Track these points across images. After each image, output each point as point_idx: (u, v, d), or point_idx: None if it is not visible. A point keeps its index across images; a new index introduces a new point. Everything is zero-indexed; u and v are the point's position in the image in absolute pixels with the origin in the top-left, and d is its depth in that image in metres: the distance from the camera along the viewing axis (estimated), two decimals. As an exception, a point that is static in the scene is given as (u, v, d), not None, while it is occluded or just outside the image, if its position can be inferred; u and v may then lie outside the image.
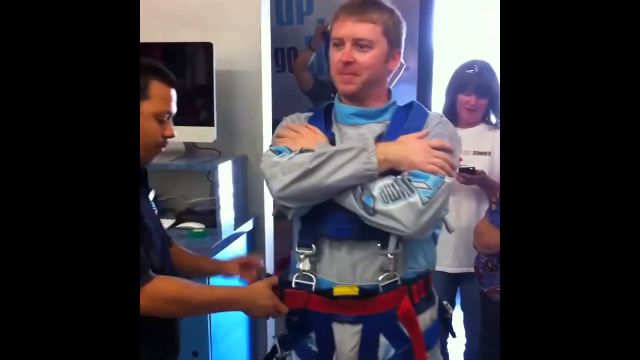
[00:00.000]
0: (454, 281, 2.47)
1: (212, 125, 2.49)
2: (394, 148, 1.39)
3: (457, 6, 4.23)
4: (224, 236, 2.41)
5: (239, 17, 2.61)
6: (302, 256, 1.45)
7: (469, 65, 2.42)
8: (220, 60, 2.51)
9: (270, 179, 1.41)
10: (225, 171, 2.49)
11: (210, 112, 2.49)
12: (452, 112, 2.39)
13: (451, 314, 1.59)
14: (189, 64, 2.55)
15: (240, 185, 2.65)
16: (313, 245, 1.44)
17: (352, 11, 1.43)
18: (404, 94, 2.49)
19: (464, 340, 2.61)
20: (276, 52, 3.96)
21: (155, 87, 1.44)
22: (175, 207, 2.69)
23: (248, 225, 2.65)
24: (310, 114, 1.57)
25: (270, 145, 1.51)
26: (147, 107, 1.41)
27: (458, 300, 2.58)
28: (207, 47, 2.45)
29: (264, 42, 2.65)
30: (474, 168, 2.28)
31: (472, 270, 2.32)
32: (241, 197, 2.67)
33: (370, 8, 1.43)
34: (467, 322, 2.58)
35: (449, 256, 2.41)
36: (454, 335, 1.59)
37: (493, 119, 2.43)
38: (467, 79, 2.37)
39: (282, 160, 1.40)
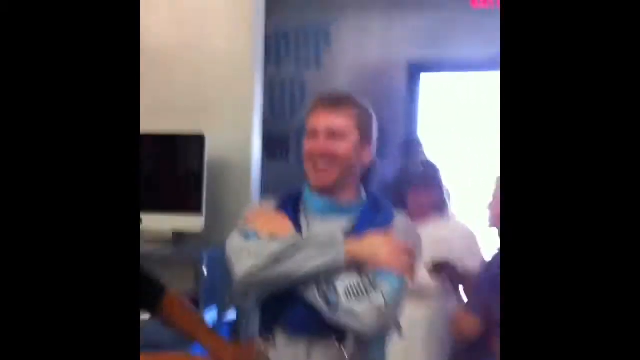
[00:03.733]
0: None
1: (201, 214, 2.52)
2: (361, 245, 1.40)
3: (441, 97, 4.39)
4: (207, 326, 2.38)
5: (231, 108, 2.68)
6: (262, 344, 1.45)
7: (413, 163, 2.55)
8: (211, 150, 2.57)
9: (236, 263, 1.41)
10: (212, 260, 2.50)
11: (199, 201, 2.53)
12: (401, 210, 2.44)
13: None
14: (181, 154, 2.61)
15: (227, 274, 2.64)
16: (271, 336, 1.44)
17: (327, 104, 1.48)
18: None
19: None
20: (268, 142, 4.05)
21: None
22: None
23: (232, 315, 2.63)
24: (279, 200, 1.56)
25: (238, 227, 1.49)
26: None
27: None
28: (199, 139, 2.51)
29: (255, 133, 2.73)
30: (446, 260, 2.27)
31: None
32: (227, 287, 2.66)
33: (344, 102, 1.49)
34: None
35: (421, 355, 2.33)
36: None
37: (445, 209, 2.45)
38: (414, 178, 2.42)
39: (250, 245, 1.41)
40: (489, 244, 2.52)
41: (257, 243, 1.40)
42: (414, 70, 4.27)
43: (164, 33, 2.72)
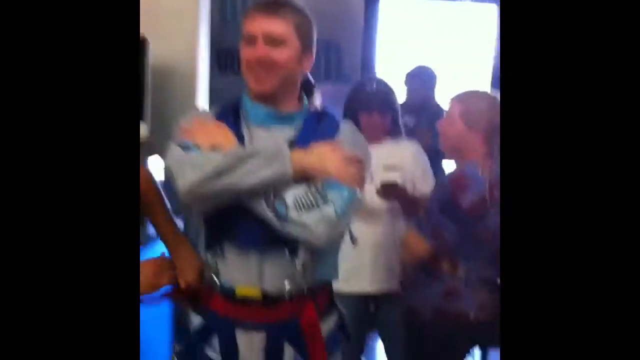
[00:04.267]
0: (367, 303, 2.37)
1: (144, 121, 2.45)
2: (309, 156, 1.36)
3: (400, 18, 4.31)
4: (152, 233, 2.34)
5: (176, 13, 2.58)
6: (209, 256, 1.43)
7: (366, 82, 2.40)
8: (155, 57, 2.46)
9: (178, 177, 1.33)
10: (155, 165, 2.45)
11: (141, 108, 2.45)
12: None
13: (345, 319, 1.58)
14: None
15: (170, 186, 2.61)
16: (220, 249, 1.41)
17: (264, 7, 1.41)
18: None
19: None
20: (219, 53, 3.92)
21: None
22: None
23: (179, 222, 2.59)
24: (218, 109, 1.50)
25: (174, 139, 1.41)
26: None
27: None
28: (141, 43, 2.40)
29: (201, 41, 2.63)
30: (395, 182, 2.23)
31: (390, 290, 2.27)
32: (172, 197, 2.62)
33: (282, 6, 1.42)
34: (389, 351, 2.45)
35: (365, 278, 2.30)
36: (348, 339, 1.60)
37: (397, 133, 2.38)
38: (367, 98, 2.31)
39: (192, 158, 1.34)
40: (440, 167, 2.51)
41: (199, 155, 1.34)
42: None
43: None
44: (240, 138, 1.42)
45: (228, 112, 1.48)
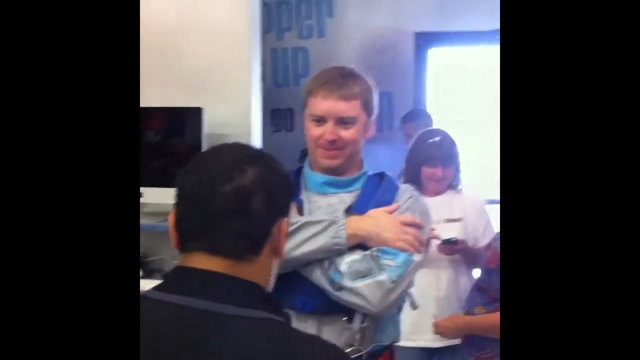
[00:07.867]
0: (430, 356, 2.36)
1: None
2: (364, 223, 1.37)
3: (450, 69, 4.34)
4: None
5: (229, 81, 2.66)
6: None
7: (429, 135, 2.39)
8: (211, 123, 2.55)
9: None
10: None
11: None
12: (416, 184, 2.29)
13: None
14: (180, 128, 2.60)
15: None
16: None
17: (333, 87, 1.40)
18: (400, 156, 2.52)
19: None
20: (272, 113, 4.04)
21: None
22: (163, 267, 2.69)
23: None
24: None
25: None
26: None
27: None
28: (197, 112, 2.51)
29: (254, 105, 2.71)
30: (456, 239, 2.23)
31: (453, 343, 2.24)
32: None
33: (349, 81, 1.41)
34: None
35: (430, 333, 2.27)
36: None
37: (457, 184, 2.40)
38: (430, 151, 2.32)
39: None
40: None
41: None
42: (421, 42, 4.21)
43: (162, 7, 2.69)
44: (299, 204, 1.44)
45: None
